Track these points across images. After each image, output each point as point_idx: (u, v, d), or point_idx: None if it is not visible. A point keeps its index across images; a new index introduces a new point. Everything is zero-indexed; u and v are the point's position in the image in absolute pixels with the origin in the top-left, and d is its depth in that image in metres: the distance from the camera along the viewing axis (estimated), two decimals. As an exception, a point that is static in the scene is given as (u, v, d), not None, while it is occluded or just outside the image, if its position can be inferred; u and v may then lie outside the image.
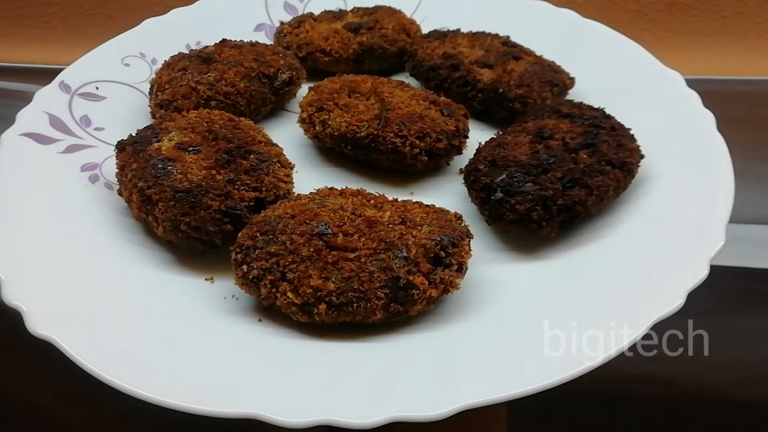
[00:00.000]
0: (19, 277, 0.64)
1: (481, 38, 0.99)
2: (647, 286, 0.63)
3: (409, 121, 0.80)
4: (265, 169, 0.74)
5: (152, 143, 0.76)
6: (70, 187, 0.78)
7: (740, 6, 1.21)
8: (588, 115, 0.81)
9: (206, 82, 0.87)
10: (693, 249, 0.65)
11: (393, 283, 0.62)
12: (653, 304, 0.60)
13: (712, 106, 0.90)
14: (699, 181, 0.74)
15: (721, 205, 0.69)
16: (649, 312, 0.59)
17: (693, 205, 0.71)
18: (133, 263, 0.71)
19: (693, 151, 0.78)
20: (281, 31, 1.05)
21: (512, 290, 0.68)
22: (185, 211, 0.69)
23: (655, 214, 0.72)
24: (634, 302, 0.62)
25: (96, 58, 0.98)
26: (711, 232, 0.66)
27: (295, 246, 0.64)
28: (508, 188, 0.72)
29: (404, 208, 0.69)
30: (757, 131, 1.15)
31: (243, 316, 0.66)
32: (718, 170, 0.74)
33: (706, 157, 0.76)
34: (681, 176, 0.76)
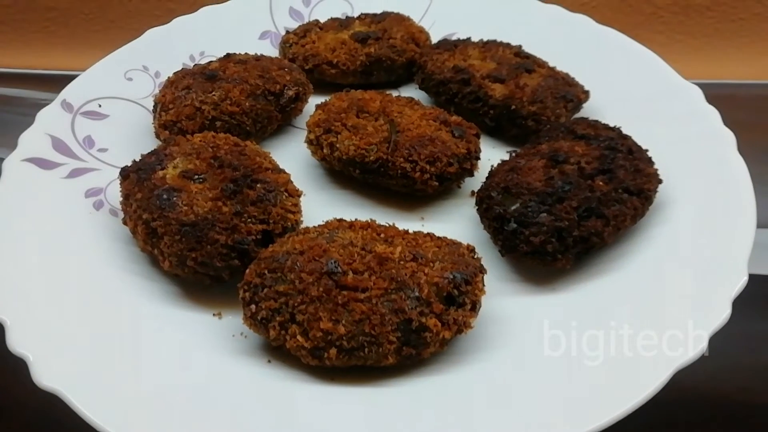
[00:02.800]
0: (25, 322, 0.63)
1: (492, 49, 0.96)
2: (667, 329, 0.61)
3: (419, 145, 0.78)
4: (273, 199, 0.72)
5: (156, 171, 0.74)
6: (75, 217, 0.77)
7: (758, 7, 1.18)
8: (604, 136, 0.78)
9: (211, 101, 0.85)
10: (714, 288, 0.63)
11: (405, 325, 0.61)
12: (674, 349, 0.59)
13: (728, 110, 0.88)
14: (719, 210, 0.71)
15: (742, 237, 0.67)
16: (669, 359, 0.58)
17: (713, 238, 0.69)
18: (140, 298, 0.70)
19: (713, 175, 0.76)
20: (287, 41, 1.03)
21: (527, 326, 0.67)
22: (191, 246, 0.68)
23: (673, 246, 0.70)
24: (653, 347, 0.60)
25: (98, 73, 0.97)
26: (733, 268, 0.64)
27: (304, 285, 0.62)
28: (522, 218, 0.70)
29: (415, 242, 0.67)
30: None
31: (252, 357, 0.65)
32: (739, 198, 0.72)
33: (727, 182, 0.74)
34: (701, 203, 0.74)
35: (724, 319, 0.61)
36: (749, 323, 0.81)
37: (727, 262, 0.65)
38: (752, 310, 0.82)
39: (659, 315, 0.63)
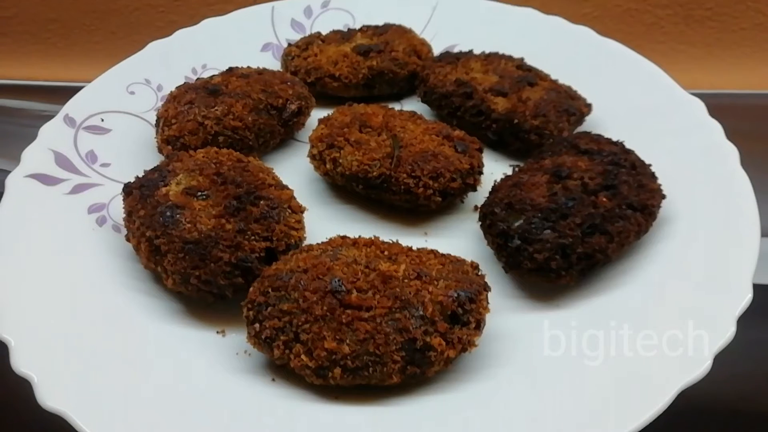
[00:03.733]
0: (29, 342, 0.62)
1: (494, 61, 0.96)
2: (671, 348, 0.61)
3: (422, 160, 0.78)
4: (276, 216, 0.72)
5: (159, 187, 0.74)
6: (78, 234, 0.77)
7: (759, 18, 1.18)
8: (607, 151, 0.78)
9: (213, 116, 0.85)
10: (719, 306, 0.63)
11: (409, 345, 0.61)
12: (678, 368, 0.59)
13: (729, 119, 0.88)
14: (724, 227, 0.71)
15: (747, 255, 0.67)
16: (674, 378, 0.58)
17: (717, 255, 0.69)
18: (143, 316, 0.70)
19: (716, 190, 0.76)
20: (289, 54, 1.03)
21: (530, 343, 0.66)
22: (195, 264, 0.68)
23: (677, 263, 0.70)
24: (657, 365, 0.60)
25: (100, 87, 0.96)
26: (737, 286, 0.64)
27: (308, 304, 0.62)
28: (526, 235, 0.70)
29: (419, 260, 0.67)
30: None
31: (256, 375, 0.65)
32: (744, 215, 0.72)
33: (731, 199, 0.74)
34: (704, 219, 0.74)
35: (729, 337, 0.61)
36: (751, 332, 0.81)
37: (731, 280, 0.65)
38: (755, 320, 0.83)
39: (663, 333, 0.63)
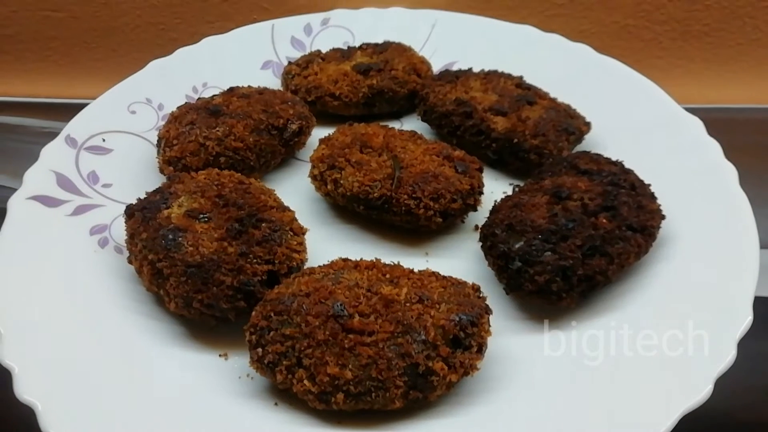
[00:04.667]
0: (32, 369, 0.63)
1: (493, 80, 0.97)
2: (672, 372, 0.61)
3: (422, 181, 0.79)
4: (278, 239, 0.72)
5: (161, 210, 0.75)
6: (80, 256, 0.77)
7: (756, 33, 1.18)
8: (606, 171, 0.79)
9: (215, 137, 0.86)
10: (720, 330, 0.63)
11: (412, 370, 0.61)
12: (679, 393, 0.59)
13: (727, 133, 0.89)
14: (723, 248, 0.72)
15: (746, 276, 0.67)
16: (674, 404, 0.58)
17: (717, 277, 0.69)
18: (146, 339, 0.70)
19: (715, 210, 0.76)
20: (289, 72, 1.03)
21: (532, 366, 0.67)
22: (197, 288, 0.68)
23: (677, 284, 0.70)
24: (658, 391, 0.60)
25: (101, 107, 0.97)
26: (738, 309, 0.65)
27: (310, 329, 0.62)
28: (527, 257, 0.70)
29: (421, 283, 0.68)
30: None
31: (258, 400, 0.65)
32: (743, 235, 0.72)
33: (731, 219, 0.75)
34: (704, 239, 0.74)
35: (730, 361, 0.61)
36: (754, 343, 0.81)
37: (731, 303, 0.66)
38: (757, 331, 0.83)
39: (663, 355, 0.63)
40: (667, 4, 1.17)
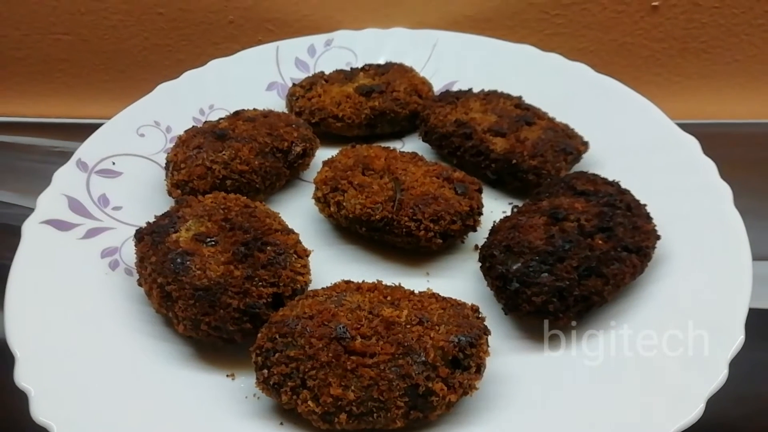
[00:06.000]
0: (48, 391, 0.65)
1: (493, 100, 0.99)
2: (665, 390, 0.63)
3: (423, 204, 0.81)
4: (282, 262, 0.74)
5: (170, 233, 0.77)
6: (92, 279, 0.79)
7: (752, 49, 1.20)
8: (603, 192, 0.80)
9: (221, 161, 0.88)
10: (712, 350, 0.65)
11: (412, 390, 0.63)
12: (671, 410, 0.61)
13: (724, 147, 0.90)
14: (717, 268, 0.74)
15: (739, 297, 0.69)
16: (667, 422, 0.60)
17: (711, 297, 0.71)
18: (156, 361, 0.72)
19: (710, 231, 0.78)
20: (293, 94, 1.06)
21: (530, 384, 0.69)
22: (205, 311, 0.70)
23: (671, 304, 0.72)
24: (651, 408, 0.62)
25: (111, 130, 0.99)
26: (730, 329, 0.66)
27: (314, 351, 0.65)
28: (524, 278, 0.72)
29: (421, 305, 0.70)
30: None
31: (264, 419, 0.67)
32: (736, 255, 0.74)
33: (724, 238, 0.76)
34: (698, 260, 0.76)
35: (721, 380, 0.63)
36: (754, 353, 0.83)
37: (724, 323, 0.67)
38: (757, 342, 0.85)
39: (658, 374, 0.65)
40: (665, 22, 1.20)
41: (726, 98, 1.24)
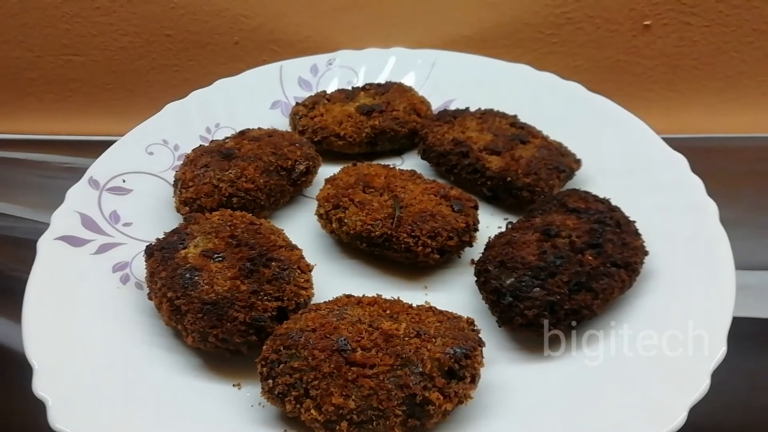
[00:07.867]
0: (65, 400, 0.68)
1: (489, 119, 1.02)
2: (648, 400, 0.66)
3: (421, 221, 0.84)
4: (286, 277, 0.78)
5: (179, 250, 0.81)
6: (104, 293, 0.83)
7: (743, 66, 1.24)
8: (594, 209, 0.84)
9: (227, 179, 0.92)
10: (695, 361, 0.68)
11: (410, 400, 0.66)
12: (654, 420, 0.64)
13: (715, 160, 0.93)
14: (701, 282, 0.77)
15: (722, 310, 0.72)
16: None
17: (695, 310, 0.74)
18: (165, 371, 0.75)
19: (695, 246, 0.81)
20: (297, 113, 1.10)
21: (524, 394, 0.72)
22: (213, 324, 0.74)
23: (657, 317, 0.75)
24: (635, 417, 0.65)
25: (122, 149, 1.03)
26: (713, 340, 0.69)
27: (316, 362, 0.68)
28: (517, 293, 0.76)
29: (418, 318, 0.73)
30: (761, 184, 1.18)
31: (269, 427, 0.70)
32: (720, 271, 0.77)
33: (709, 255, 0.79)
34: (684, 275, 0.79)
35: (704, 390, 0.66)
36: (748, 362, 0.86)
37: (707, 335, 0.70)
38: (751, 350, 0.88)
39: (643, 382, 0.69)
40: (657, 40, 1.23)
41: (717, 113, 1.28)
